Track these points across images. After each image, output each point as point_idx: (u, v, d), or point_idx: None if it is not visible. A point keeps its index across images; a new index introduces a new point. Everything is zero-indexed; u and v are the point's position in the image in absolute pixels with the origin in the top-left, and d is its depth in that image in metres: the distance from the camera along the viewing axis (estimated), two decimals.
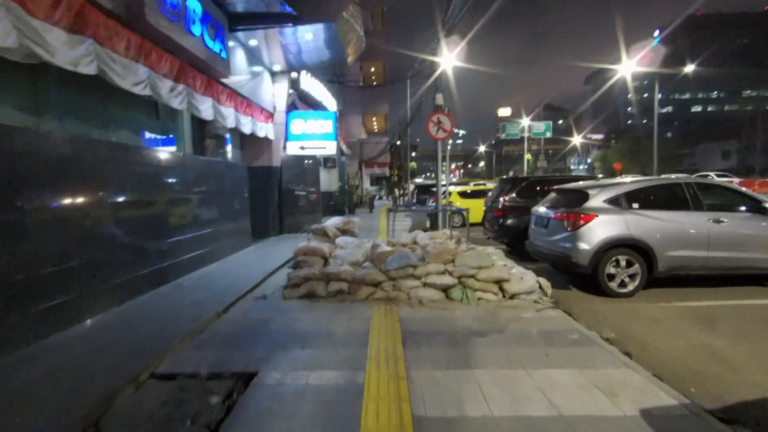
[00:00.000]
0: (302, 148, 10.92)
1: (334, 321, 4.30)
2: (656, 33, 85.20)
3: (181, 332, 3.78)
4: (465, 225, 14.21)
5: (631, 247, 5.31)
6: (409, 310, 4.64)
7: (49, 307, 3.72)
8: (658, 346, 3.83)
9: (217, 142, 9.03)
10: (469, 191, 15.17)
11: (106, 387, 2.82)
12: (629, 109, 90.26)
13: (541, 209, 6.32)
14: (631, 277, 5.36)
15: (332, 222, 7.55)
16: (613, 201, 5.48)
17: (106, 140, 4.77)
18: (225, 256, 7.60)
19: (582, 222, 5.38)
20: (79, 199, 4.22)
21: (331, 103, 16.32)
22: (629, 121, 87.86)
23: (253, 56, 9.29)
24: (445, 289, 5.02)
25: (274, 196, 10.88)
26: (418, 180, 45.35)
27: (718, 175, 30.90)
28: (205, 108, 6.66)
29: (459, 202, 14.53)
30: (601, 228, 5.32)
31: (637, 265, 5.31)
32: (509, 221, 7.92)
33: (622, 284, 5.36)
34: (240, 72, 8.52)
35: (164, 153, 6.11)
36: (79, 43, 3.84)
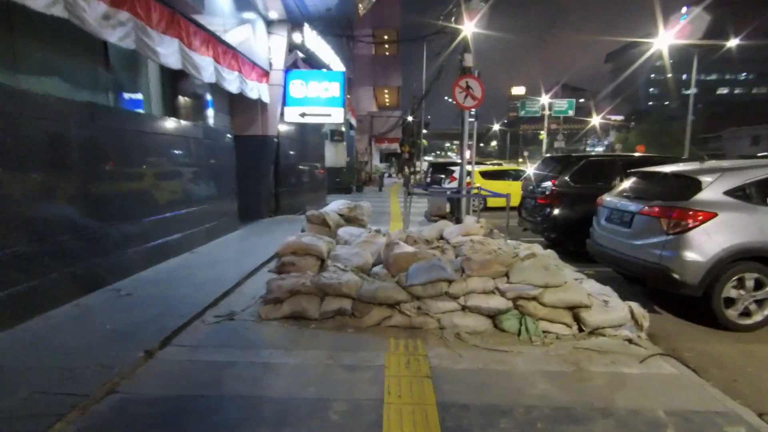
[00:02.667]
0: (303, 115, 9.19)
1: (328, 373, 2.74)
2: (684, 9, 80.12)
3: (64, 403, 2.24)
4: (485, 209, 12.57)
5: (765, 260, 3.66)
6: (444, 351, 3.06)
7: None
8: None
9: (195, 105, 7.37)
10: (493, 171, 13.40)
11: None
12: (651, 89, 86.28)
13: (618, 200, 4.64)
14: (759, 303, 3.72)
15: (334, 207, 5.94)
16: (739, 192, 3.79)
17: None
18: (199, 244, 6.06)
19: (692, 223, 3.71)
20: None
21: (340, 69, 14.46)
22: (650, 103, 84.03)
23: None
24: (494, 315, 3.44)
25: (269, 171, 9.25)
26: (429, 158, 43.40)
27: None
28: (168, 52, 4.97)
29: (480, 184, 12.83)
30: (722, 232, 3.65)
31: None
32: (558, 211, 6.25)
33: (745, 313, 3.74)
34: (223, 14, 6.77)
35: (105, 109, 4.49)
36: None
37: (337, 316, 3.55)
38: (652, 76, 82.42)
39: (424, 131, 33.17)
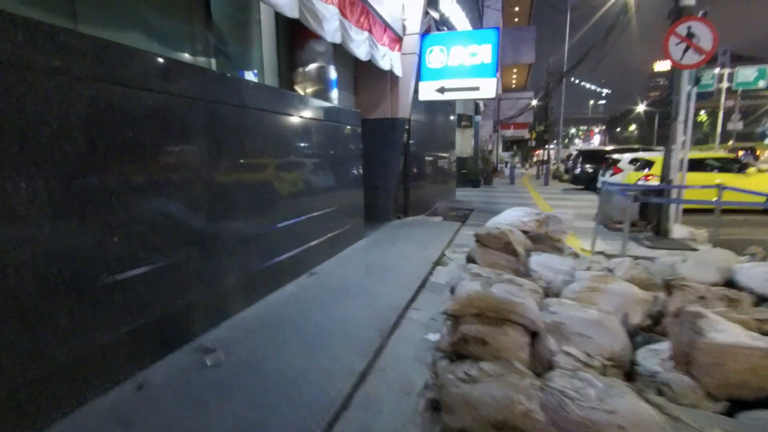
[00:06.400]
0: (442, 90, 7.26)
1: None
2: None
3: None
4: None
5: None
6: None
7: None
8: None
9: (316, 80, 5.94)
10: (699, 160, 9.83)
11: None
12: None
13: None
14: None
15: (512, 218, 3.89)
16: None
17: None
18: (319, 262, 4.58)
19: None
20: None
21: None
22: None
23: None
24: None
25: (398, 162, 7.56)
26: (549, 147, 38.47)
27: None
28: None
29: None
30: None
31: None
32: None
33: None
34: None
35: (214, 77, 3.09)
36: None
37: None
38: None
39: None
